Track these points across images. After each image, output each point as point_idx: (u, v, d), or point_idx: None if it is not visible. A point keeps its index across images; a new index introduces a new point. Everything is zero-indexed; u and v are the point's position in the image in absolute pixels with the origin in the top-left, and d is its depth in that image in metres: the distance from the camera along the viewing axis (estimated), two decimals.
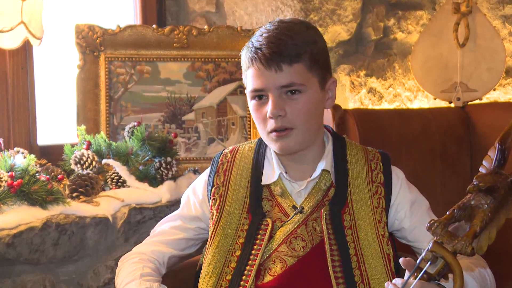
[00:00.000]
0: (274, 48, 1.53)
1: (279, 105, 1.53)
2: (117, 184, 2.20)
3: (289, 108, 1.54)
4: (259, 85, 1.55)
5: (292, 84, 1.54)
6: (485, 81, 2.69)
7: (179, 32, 2.48)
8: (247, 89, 1.60)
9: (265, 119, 1.56)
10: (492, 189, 1.19)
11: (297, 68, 1.54)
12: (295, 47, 1.53)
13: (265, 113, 1.55)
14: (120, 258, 1.70)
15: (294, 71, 1.53)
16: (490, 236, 1.19)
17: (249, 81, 1.58)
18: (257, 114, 1.58)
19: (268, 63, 1.53)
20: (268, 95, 1.55)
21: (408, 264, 1.29)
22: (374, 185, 1.61)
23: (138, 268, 1.60)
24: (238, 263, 1.55)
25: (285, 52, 1.53)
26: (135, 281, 1.55)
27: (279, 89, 1.54)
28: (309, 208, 1.58)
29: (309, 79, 1.56)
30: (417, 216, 1.63)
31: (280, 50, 1.52)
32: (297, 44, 1.54)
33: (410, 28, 3.07)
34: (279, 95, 1.54)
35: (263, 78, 1.54)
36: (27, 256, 1.91)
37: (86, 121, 2.38)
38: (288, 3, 2.75)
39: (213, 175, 1.68)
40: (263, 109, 1.56)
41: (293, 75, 1.53)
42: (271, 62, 1.52)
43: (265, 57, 1.53)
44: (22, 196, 1.93)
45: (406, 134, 2.44)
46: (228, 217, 1.61)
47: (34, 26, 2.02)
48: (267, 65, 1.53)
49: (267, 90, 1.55)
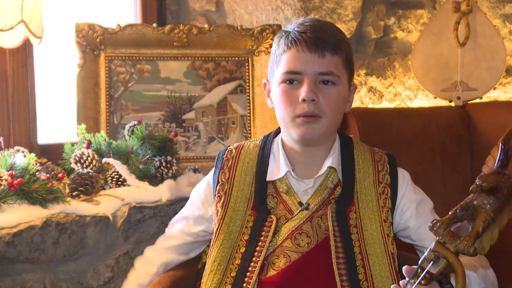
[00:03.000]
0: (319, 34, 1.55)
1: (314, 90, 1.55)
2: (117, 183, 2.19)
3: (321, 96, 1.55)
4: (298, 67, 1.56)
5: (330, 73, 1.56)
6: (485, 80, 2.69)
7: (179, 31, 2.48)
8: (279, 72, 1.59)
9: (295, 103, 1.56)
10: (494, 189, 1.19)
11: (337, 59, 1.57)
12: (336, 39, 1.57)
13: (296, 96, 1.56)
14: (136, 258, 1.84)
15: (334, 61, 1.56)
16: (492, 237, 1.19)
17: (283, 64, 1.58)
18: (286, 98, 1.58)
19: (313, 46, 1.55)
20: (303, 79, 1.56)
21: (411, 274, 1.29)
22: (381, 186, 1.62)
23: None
24: (243, 259, 1.56)
25: (329, 39, 1.56)
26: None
27: (316, 75, 1.55)
28: (315, 205, 1.59)
29: (343, 74, 1.59)
30: (422, 216, 1.64)
31: (324, 36, 1.55)
32: (338, 38, 1.58)
33: (410, 27, 3.07)
34: (314, 81, 1.55)
35: (304, 61, 1.55)
36: (27, 255, 1.91)
37: (86, 120, 2.38)
38: (288, 2, 2.75)
39: (218, 172, 1.68)
40: (294, 92, 1.56)
41: (333, 65, 1.56)
42: (316, 47, 1.55)
43: (310, 39, 1.55)
44: (22, 195, 1.93)
45: (406, 133, 2.44)
46: (233, 214, 1.61)
47: (34, 25, 2.02)
48: (312, 48, 1.55)
49: (304, 73, 1.56)
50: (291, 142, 1.64)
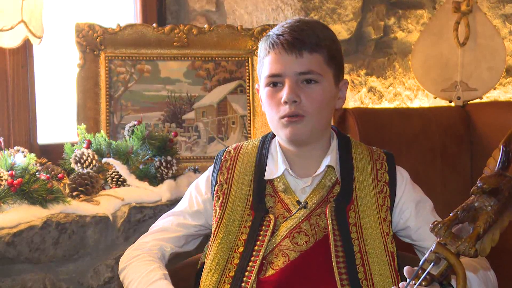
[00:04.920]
0: (296, 35, 1.55)
1: (295, 91, 1.54)
2: (117, 183, 2.19)
3: (303, 96, 1.55)
4: (278, 70, 1.56)
5: (310, 72, 1.55)
6: (485, 80, 2.69)
7: (179, 31, 2.48)
8: (263, 76, 1.61)
9: (278, 105, 1.56)
10: (496, 191, 1.19)
11: (317, 57, 1.56)
12: (316, 37, 1.56)
13: (279, 98, 1.56)
14: (125, 252, 1.70)
15: (314, 59, 1.55)
16: (493, 238, 1.19)
17: (265, 68, 1.59)
18: (271, 101, 1.59)
19: (289, 47, 1.55)
20: (285, 81, 1.56)
21: (412, 274, 1.29)
22: (380, 184, 1.62)
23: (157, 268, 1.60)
24: (241, 259, 1.56)
25: (306, 39, 1.55)
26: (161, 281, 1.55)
27: (296, 75, 1.55)
28: (313, 203, 1.59)
29: (326, 72, 1.58)
30: (422, 216, 1.63)
31: (302, 36, 1.55)
32: (318, 36, 1.57)
33: (410, 27, 3.07)
34: (295, 82, 1.55)
35: (282, 63, 1.56)
36: (27, 255, 1.91)
37: (86, 120, 2.38)
38: (288, 2, 2.75)
39: (216, 172, 1.68)
40: (277, 95, 1.57)
41: (312, 63, 1.55)
42: (293, 47, 1.55)
43: (287, 41, 1.55)
44: (22, 195, 1.93)
45: (406, 133, 2.44)
46: (231, 214, 1.61)
47: (34, 25, 2.02)
48: (288, 49, 1.55)
49: (284, 75, 1.56)
50: (284, 143, 1.65)
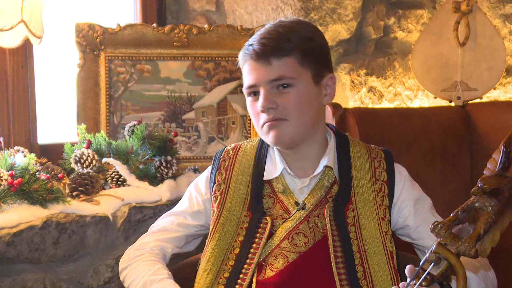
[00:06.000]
0: (264, 42, 1.55)
1: (269, 99, 1.54)
2: (117, 183, 2.19)
3: (280, 101, 1.55)
4: (252, 80, 1.57)
5: (281, 78, 1.55)
6: (485, 80, 2.69)
7: (179, 31, 2.48)
8: (244, 87, 1.62)
9: (258, 114, 1.57)
10: (496, 192, 1.19)
11: (287, 61, 1.55)
12: (285, 42, 1.55)
13: (258, 108, 1.56)
14: (125, 252, 1.69)
15: (284, 64, 1.54)
16: (493, 239, 1.19)
17: (244, 79, 1.60)
18: (252, 110, 1.60)
19: (258, 57, 1.55)
20: (260, 90, 1.56)
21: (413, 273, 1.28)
22: (378, 183, 1.62)
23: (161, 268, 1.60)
24: (236, 261, 1.56)
25: (274, 46, 1.54)
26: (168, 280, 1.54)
27: (269, 83, 1.55)
28: (311, 204, 1.58)
29: (301, 73, 1.56)
30: (421, 214, 1.63)
31: (269, 43, 1.54)
32: (289, 39, 1.55)
33: (410, 27, 3.07)
34: (270, 89, 1.55)
35: (255, 73, 1.56)
36: (27, 255, 1.91)
37: (86, 120, 2.38)
38: (288, 2, 2.75)
39: (215, 172, 1.68)
40: (256, 104, 1.57)
41: (283, 69, 1.54)
42: (261, 57, 1.54)
43: (255, 52, 1.55)
44: (22, 195, 1.93)
45: (406, 133, 2.44)
46: (228, 214, 1.61)
47: (34, 24, 2.02)
48: (257, 59, 1.55)
49: (258, 85, 1.56)
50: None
